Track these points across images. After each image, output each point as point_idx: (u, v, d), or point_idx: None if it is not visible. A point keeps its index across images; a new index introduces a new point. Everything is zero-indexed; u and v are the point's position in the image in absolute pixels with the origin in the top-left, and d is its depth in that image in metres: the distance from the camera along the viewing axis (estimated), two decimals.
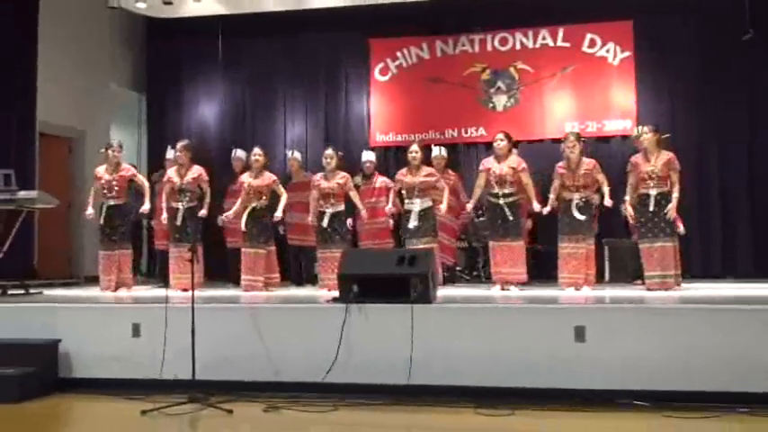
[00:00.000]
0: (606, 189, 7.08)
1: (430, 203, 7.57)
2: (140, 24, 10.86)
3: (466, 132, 9.85)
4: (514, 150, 7.71)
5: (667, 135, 7.17)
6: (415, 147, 7.73)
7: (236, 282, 8.39)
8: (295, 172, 8.76)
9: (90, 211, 7.71)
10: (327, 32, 10.14)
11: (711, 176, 9.14)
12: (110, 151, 7.80)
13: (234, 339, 5.69)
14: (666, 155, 7.02)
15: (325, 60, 10.34)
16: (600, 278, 8.19)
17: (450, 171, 8.44)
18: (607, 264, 8.45)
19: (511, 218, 7.21)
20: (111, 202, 7.74)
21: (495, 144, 7.44)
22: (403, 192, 7.68)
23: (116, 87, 10.65)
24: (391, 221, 7.95)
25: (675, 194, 6.91)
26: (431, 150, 8.41)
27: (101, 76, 10.27)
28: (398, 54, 10.15)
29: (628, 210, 7.12)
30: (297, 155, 8.87)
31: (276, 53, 10.43)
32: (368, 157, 8.52)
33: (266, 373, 5.57)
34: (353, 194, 7.70)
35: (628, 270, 8.01)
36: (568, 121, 9.48)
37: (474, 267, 9.21)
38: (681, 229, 7.21)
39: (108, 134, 10.08)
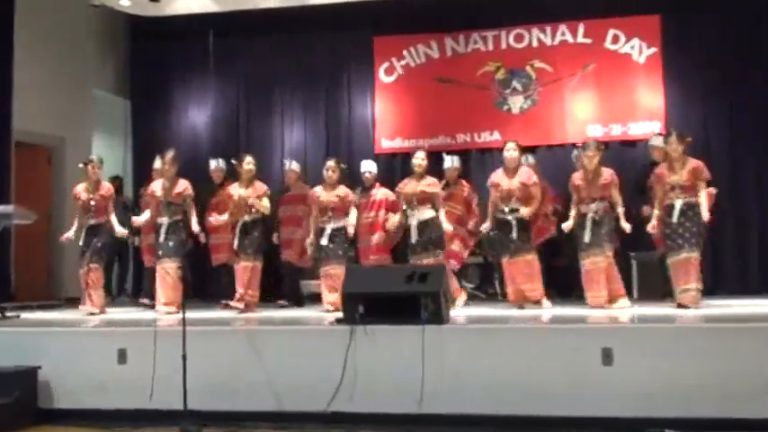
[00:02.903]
0: (621, 210, 7.10)
1: (432, 214, 7.52)
2: (125, 24, 10.90)
3: (479, 137, 9.84)
4: (529, 159, 7.69)
5: (689, 139, 7.14)
6: (421, 154, 7.73)
7: (225, 302, 8.45)
8: (292, 184, 8.77)
9: (68, 234, 7.75)
10: (328, 30, 10.17)
11: (747, 185, 9.09)
12: (89, 167, 7.83)
13: (229, 365, 5.69)
14: (693, 163, 7.03)
15: (325, 61, 10.35)
16: (628, 295, 8.18)
17: (464, 182, 8.45)
18: (635, 280, 8.41)
19: (520, 234, 7.24)
20: (92, 222, 7.77)
21: (505, 153, 7.45)
22: (404, 204, 7.67)
23: (99, 92, 10.68)
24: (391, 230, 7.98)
25: (704, 202, 6.89)
26: (442, 159, 8.41)
27: (82, 80, 10.31)
28: (405, 53, 10.15)
29: (654, 226, 7.09)
30: (295, 165, 8.87)
31: (272, 53, 10.45)
32: (367, 167, 8.48)
33: (264, 402, 5.56)
34: (353, 211, 7.71)
35: (658, 286, 7.97)
36: (591, 124, 9.48)
37: (490, 284, 9.18)
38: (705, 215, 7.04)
39: (90, 143, 10.12)
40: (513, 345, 5.40)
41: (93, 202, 7.76)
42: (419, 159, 7.66)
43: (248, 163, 7.84)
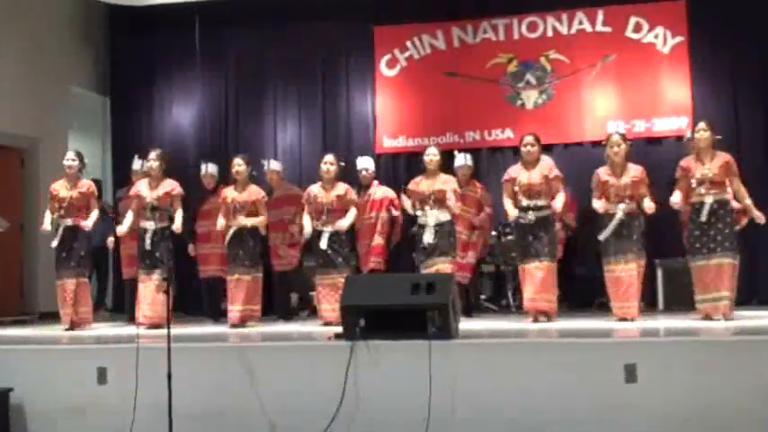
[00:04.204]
0: (649, 204, 6.99)
1: (448, 217, 7.54)
2: (103, 16, 10.93)
3: (490, 135, 9.85)
4: (544, 156, 7.68)
5: (719, 137, 7.14)
6: (432, 149, 7.75)
7: (213, 317, 8.45)
8: (275, 185, 8.76)
9: (46, 226, 7.74)
10: (325, 20, 10.16)
11: None
12: (65, 162, 7.84)
13: (218, 385, 5.69)
14: (723, 156, 7.02)
15: (321, 52, 10.37)
16: (653, 306, 8.19)
17: (476, 182, 8.45)
18: (661, 289, 8.42)
19: (543, 234, 7.18)
20: (69, 223, 7.77)
21: (522, 149, 7.43)
22: (416, 204, 7.65)
23: (75, 89, 10.71)
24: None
25: (747, 201, 6.87)
26: (452, 157, 8.41)
27: (57, 76, 10.32)
28: (408, 44, 10.17)
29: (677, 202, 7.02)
30: (275, 165, 8.84)
31: (264, 45, 10.47)
32: (364, 164, 8.48)
33: (256, 426, 5.56)
34: (353, 211, 7.69)
35: (686, 296, 7.96)
36: (611, 120, 9.47)
37: (503, 295, 9.19)
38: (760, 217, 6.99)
39: (66, 144, 10.12)
40: (528, 361, 5.39)
41: (72, 200, 7.75)
42: (431, 156, 7.65)
43: (237, 165, 7.82)
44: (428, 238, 7.46)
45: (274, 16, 10.23)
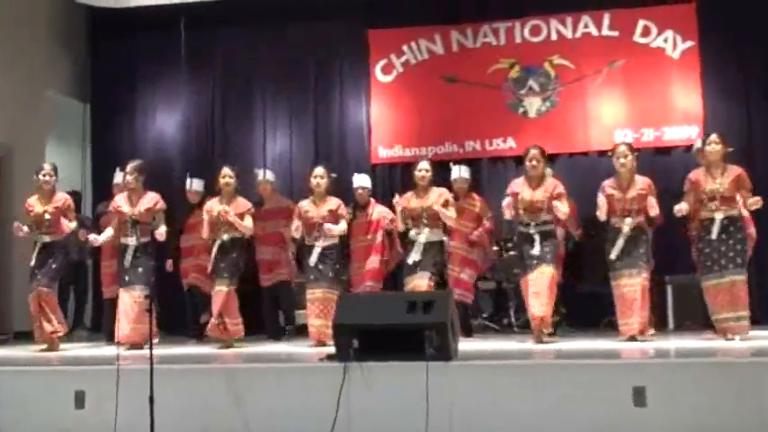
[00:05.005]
0: (655, 212, 7.02)
1: (442, 238, 7.65)
2: (83, 17, 10.95)
3: (491, 144, 9.88)
4: (547, 170, 7.69)
5: (731, 148, 7.16)
6: (424, 164, 7.77)
7: (196, 335, 8.45)
8: (267, 197, 8.78)
9: (23, 228, 7.72)
10: (317, 22, 10.20)
11: None
12: (41, 176, 7.84)
13: (203, 410, 5.67)
14: (735, 170, 7.05)
15: (314, 57, 10.39)
16: (662, 325, 8.19)
17: (474, 195, 8.43)
18: (671, 306, 8.42)
19: (544, 245, 7.17)
20: (46, 239, 7.78)
21: (527, 164, 7.39)
22: (408, 222, 7.68)
23: (53, 95, 10.70)
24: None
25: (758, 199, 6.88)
26: (449, 170, 8.42)
27: (33, 81, 10.30)
28: (405, 48, 10.20)
29: (681, 209, 7.03)
30: (270, 176, 8.88)
31: (253, 49, 10.49)
32: (361, 182, 8.41)
33: None
34: (343, 222, 7.68)
35: (697, 314, 7.97)
36: (619, 129, 9.50)
37: (504, 314, 9.18)
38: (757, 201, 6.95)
39: (43, 153, 10.12)
40: (532, 384, 5.39)
41: (47, 216, 7.76)
42: (422, 171, 7.68)
43: (224, 176, 7.84)
44: (414, 256, 7.51)
45: (264, 18, 10.25)
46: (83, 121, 11.14)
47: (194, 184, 8.79)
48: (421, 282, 7.40)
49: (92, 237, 8.00)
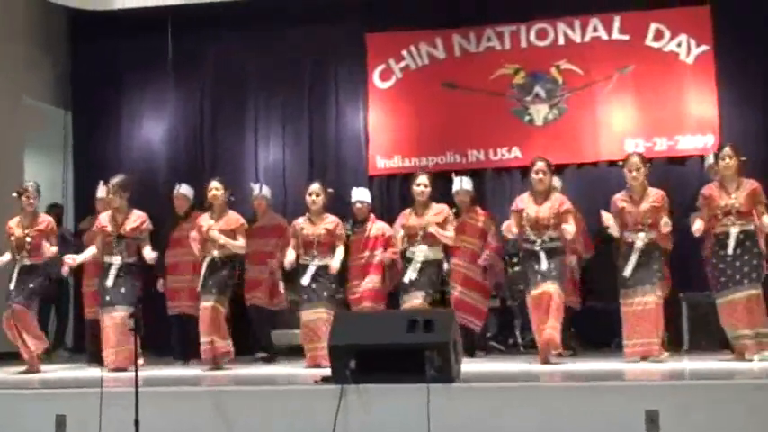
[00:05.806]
0: (666, 221, 7.01)
1: (440, 256, 7.69)
2: (64, 20, 10.96)
3: (495, 154, 9.89)
4: (555, 181, 7.70)
5: (743, 159, 7.19)
6: (423, 178, 7.77)
7: (182, 357, 8.44)
8: (261, 213, 8.79)
9: (3, 259, 7.76)
10: (312, 26, 10.22)
11: None
12: (23, 198, 7.85)
13: None
14: (750, 184, 7.08)
15: (308, 62, 10.42)
16: (677, 345, 8.19)
17: (478, 209, 8.41)
18: (686, 326, 8.42)
19: (550, 262, 7.16)
20: (27, 262, 7.81)
21: (533, 176, 7.38)
22: (405, 240, 7.71)
23: (31, 102, 10.69)
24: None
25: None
26: (451, 181, 8.42)
27: (10, 87, 10.28)
28: (404, 53, 10.22)
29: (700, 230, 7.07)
30: (267, 191, 8.91)
31: (245, 53, 10.51)
32: (359, 196, 8.37)
33: None
34: (340, 249, 7.72)
35: (714, 334, 7.97)
36: (630, 138, 9.52)
37: (510, 332, 9.18)
38: None
39: (21, 164, 10.13)
40: (538, 407, 5.38)
41: (28, 239, 7.78)
42: (421, 186, 7.70)
43: (212, 189, 7.82)
44: (411, 275, 7.55)
45: (256, 21, 10.26)
46: (64, 130, 11.14)
47: (183, 189, 8.73)
48: (416, 301, 7.43)
49: (68, 258, 7.91)
